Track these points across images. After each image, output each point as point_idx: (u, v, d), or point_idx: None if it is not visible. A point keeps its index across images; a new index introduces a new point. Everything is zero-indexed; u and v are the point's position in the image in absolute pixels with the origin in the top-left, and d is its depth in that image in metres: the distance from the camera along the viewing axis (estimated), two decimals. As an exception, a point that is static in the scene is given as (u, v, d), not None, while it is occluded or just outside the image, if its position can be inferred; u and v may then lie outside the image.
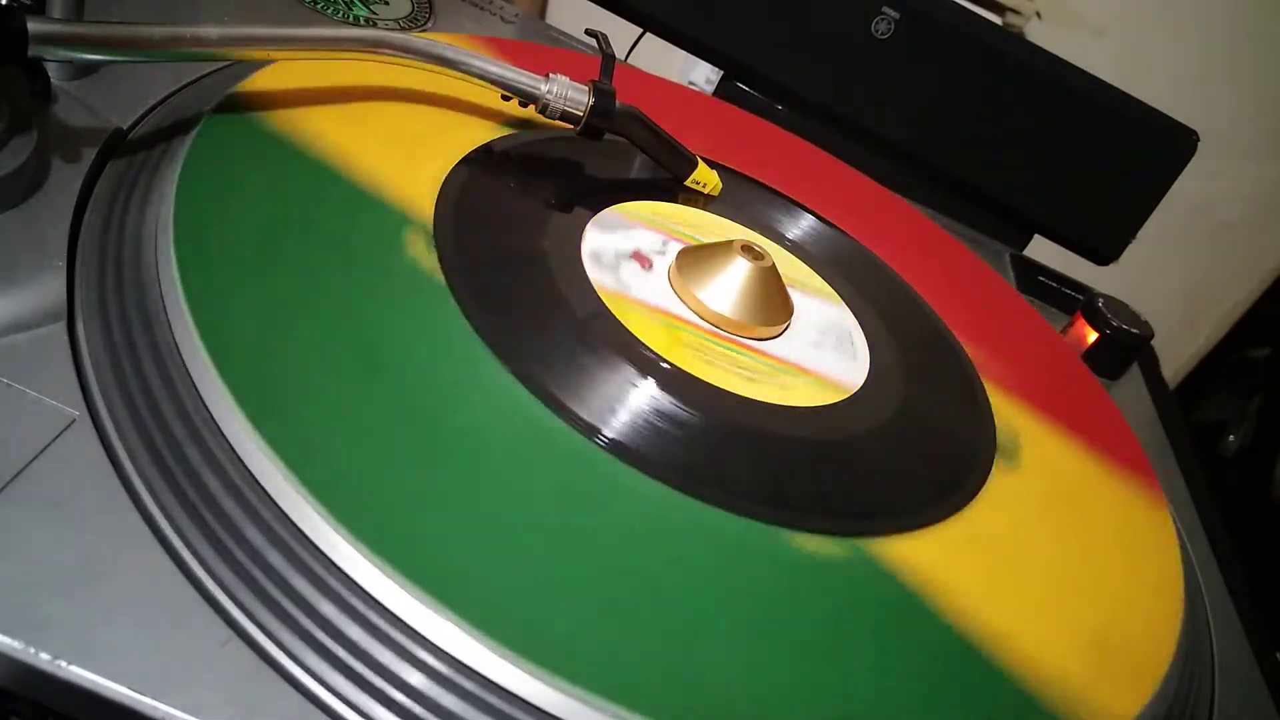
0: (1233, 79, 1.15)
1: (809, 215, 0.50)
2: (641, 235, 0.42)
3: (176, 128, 0.36)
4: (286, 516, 0.25)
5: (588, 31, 0.46)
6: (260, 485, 0.25)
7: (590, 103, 0.42)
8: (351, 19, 0.50)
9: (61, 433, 0.26)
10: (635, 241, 0.41)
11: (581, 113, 0.42)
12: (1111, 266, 0.69)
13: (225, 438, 0.26)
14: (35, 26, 0.30)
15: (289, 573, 0.24)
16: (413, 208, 0.37)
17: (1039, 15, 1.09)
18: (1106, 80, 0.64)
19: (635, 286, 0.38)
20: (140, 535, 0.25)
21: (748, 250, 0.40)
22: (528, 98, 0.41)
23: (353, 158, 0.37)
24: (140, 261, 0.30)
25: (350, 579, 0.24)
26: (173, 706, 0.22)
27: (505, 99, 0.42)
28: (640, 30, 0.66)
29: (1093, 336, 0.55)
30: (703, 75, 1.09)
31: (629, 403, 0.33)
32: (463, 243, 0.36)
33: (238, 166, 0.34)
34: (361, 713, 0.23)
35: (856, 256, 0.49)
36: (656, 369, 0.34)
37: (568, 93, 0.41)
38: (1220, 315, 1.30)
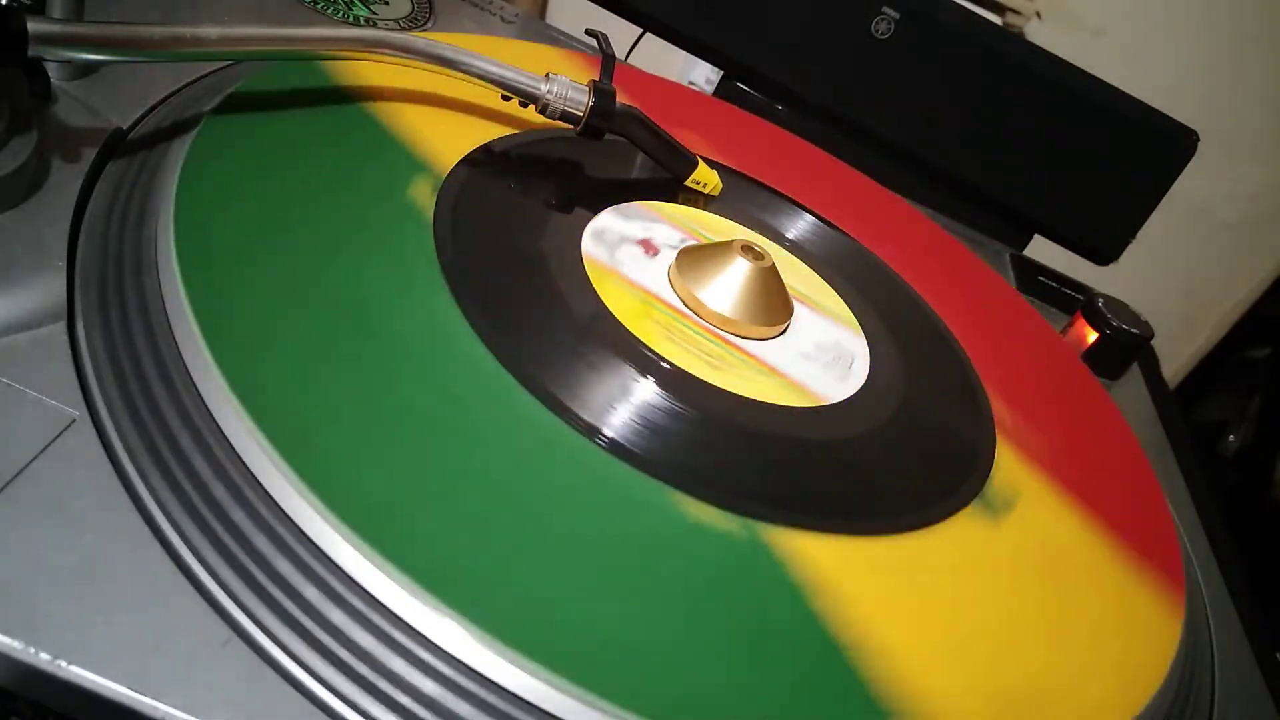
0: (1233, 79, 1.15)
1: (809, 215, 0.50)
2: (660, 229, 0.42)
3: (176, 128, 0.36)
4: (287, 516, 0.25)
5: (588, 31, 0.46)
6: (260, 485, 0.25)
7: (590, 103, 0.42)
8: (351, 19, 0.50)
9: (61, 433, 0.26)
10: (652, 232, 0.42)
11: (581, 113, 0.42)
12: (1111, 266, 0.69)
13: (226, 437, 0.26)
14: (35, 26, 0.30)
15: (290, 573, 0.24)
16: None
17: (1039, 15, 1.09)
18: (1106, 80, 0.64)
19: (627, 265, 0.39)
20: (140, 535, 0.25)
21: (748, 250, 0.40)
22: (528, 98, 0.41)
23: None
24: (140, 261, 0.30)
25: (351, 579, 0.24)
26: (172, 706, 0.22)
27: (505, 99, 0.42)
28: (640, 30, 0.66)
29: (1093, 336, 0.55)
30: (703, 75, 1.09)
31: (553, 338, 0.34)
32: (462, 242, 0.36)
33: (238, 166, 0.34)
34: (362, 713, 0.23)
35: (856, 256, 0.49)
36: (605, 322, 0.35)
37: (568, 93, 0.41)
38: (1220, 315, 1.30)
